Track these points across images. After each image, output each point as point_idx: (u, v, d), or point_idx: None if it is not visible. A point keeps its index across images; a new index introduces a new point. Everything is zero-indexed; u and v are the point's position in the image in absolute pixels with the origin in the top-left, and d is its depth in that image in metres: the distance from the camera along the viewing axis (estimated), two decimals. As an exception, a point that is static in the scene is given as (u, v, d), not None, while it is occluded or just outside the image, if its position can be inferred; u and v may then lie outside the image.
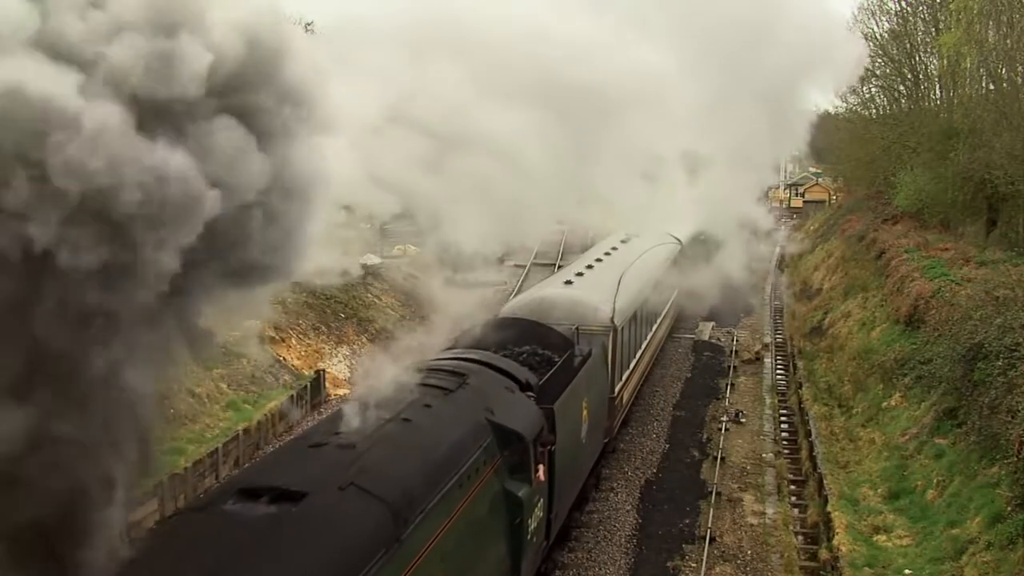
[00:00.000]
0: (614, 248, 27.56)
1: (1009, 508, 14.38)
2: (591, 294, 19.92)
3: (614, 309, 19.38)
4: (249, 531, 7.58)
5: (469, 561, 10.28)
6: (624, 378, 20.62)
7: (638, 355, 22.94)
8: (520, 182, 13.18)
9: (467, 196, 13.06)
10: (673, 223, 34.43)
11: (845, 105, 52.83)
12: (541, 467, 12.36)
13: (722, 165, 21.04)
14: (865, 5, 46.34)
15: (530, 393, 13.27)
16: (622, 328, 19.85)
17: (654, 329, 26.21)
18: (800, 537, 17.42)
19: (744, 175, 22.28)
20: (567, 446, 14.15)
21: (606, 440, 18.92)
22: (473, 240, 13.77)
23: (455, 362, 13.15)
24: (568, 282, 21.30)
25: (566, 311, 18.37)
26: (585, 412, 15.84)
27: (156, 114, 6.07)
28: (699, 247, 40.12)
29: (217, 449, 19.72)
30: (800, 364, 28.06)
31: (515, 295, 26.36)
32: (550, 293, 20.04)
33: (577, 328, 17.07)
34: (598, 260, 24.94)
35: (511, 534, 11.63)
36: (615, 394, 19.24)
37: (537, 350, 15.36)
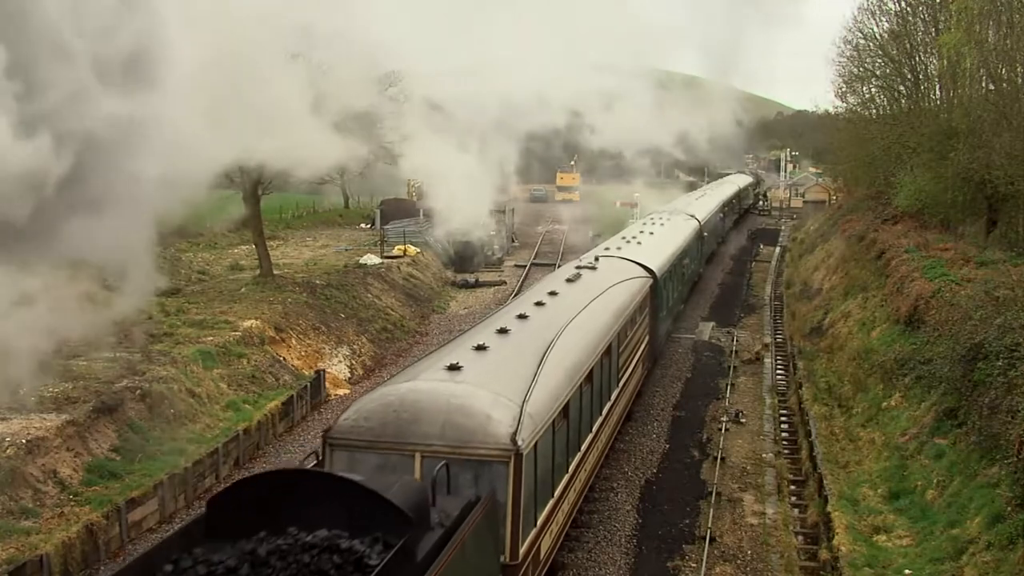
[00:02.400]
0: (552, 293, 19.64)
1: (1009, 508, 14.39)
2: (485, 390, 12.45)
3: (520, 418, 11.99)
4: None
5: None
6: (540, 522, 13.03)
7: (572, 468, 15.12)
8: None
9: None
10: (644, 249, 28.66)
11: (845, 105, 53.01)
12: None
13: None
14: (865, 5, 46.44)
15: None
16: (534, 446, 12.25)
17: (604, 414, 18.24)
18: (800, 537, 17.43)
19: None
20: None
21: None
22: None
23: None
24: (454, 367, 12.95)
25: (437, 425, 11.59)
26: None
27: None
28: (680, 277, 32.90)
29: (217, 449, 19.73)
30: (800, 364, 28.06)
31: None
32: (418, 390, 12.38)
33: (446, 465, 10.64)
34: (521, 317, 16.79)
35: None
36: (519, 558, 11.84)
37: (339, 542, 8.40)
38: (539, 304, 18.26)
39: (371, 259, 41.72)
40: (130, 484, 17.42)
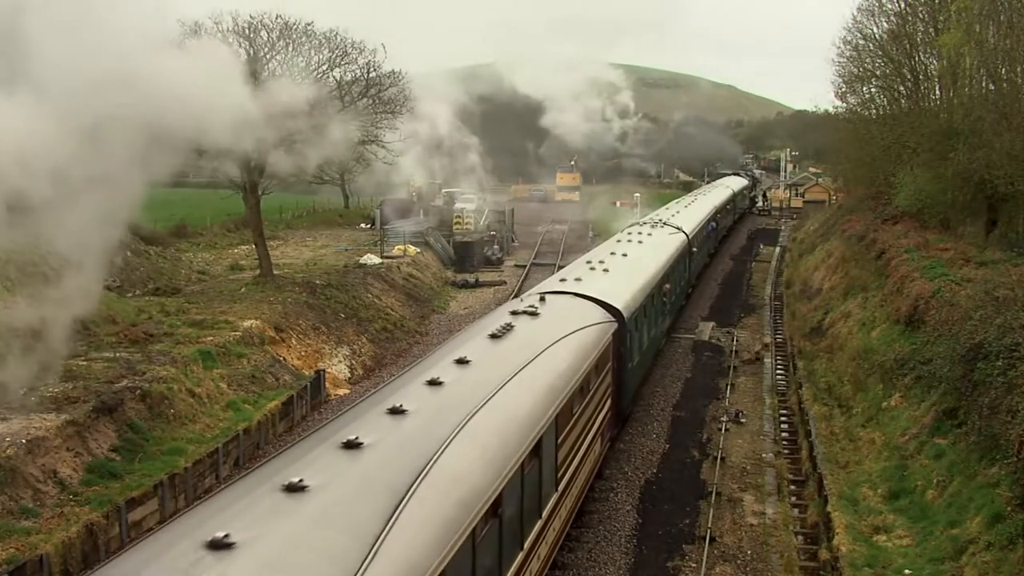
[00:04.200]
0: (461, 361, 13.00)
1: (1009, 508, 14.39)
2: None
3: None
4: None
5: None
6: None
7: None
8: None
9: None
10: (611, 278, 22.48)
11: (845, 105, 53.03)
12: None
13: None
14: (865, 5, 46.43)
15: None
16: None
17: (527, 547, 11.93)
18: (800, 537, 17.42)
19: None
20: None
21: None
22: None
23: None
24: (219, 544, 6.97)
25: None
26: None
27: None
28: (660, 308, 26.64)
29: (217, 449, 19.72)
30: (800, 364, 28.07)
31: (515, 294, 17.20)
32: None
33: None
34: (394, 412, 10.54)
35: None
36: None
37: None
38: (433, 383, 11.82)
39: (371, 259, 41.74)
40: (130, 484, 17.41)
